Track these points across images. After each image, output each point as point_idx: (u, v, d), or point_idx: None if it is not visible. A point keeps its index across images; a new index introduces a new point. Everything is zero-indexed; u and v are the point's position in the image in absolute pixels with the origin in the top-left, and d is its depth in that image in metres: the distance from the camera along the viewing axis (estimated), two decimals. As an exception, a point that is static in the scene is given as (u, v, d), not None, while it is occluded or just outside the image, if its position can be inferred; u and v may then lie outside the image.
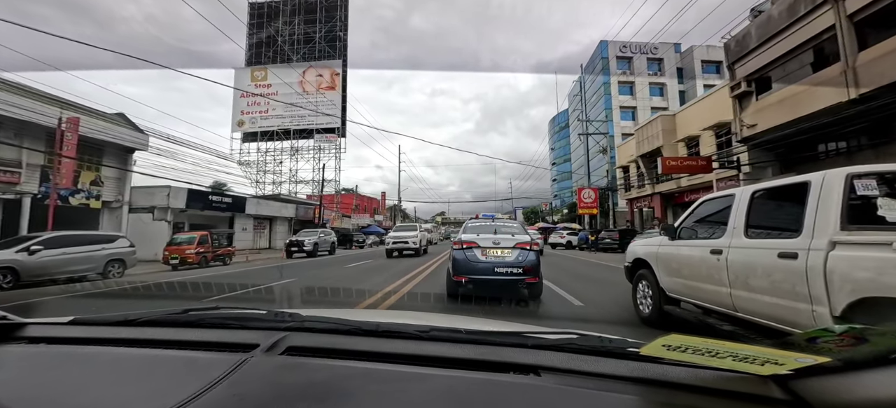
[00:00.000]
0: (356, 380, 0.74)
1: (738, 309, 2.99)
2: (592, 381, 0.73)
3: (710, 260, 3.25)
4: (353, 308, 4.60)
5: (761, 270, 2.75)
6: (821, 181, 2.50)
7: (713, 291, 3.24)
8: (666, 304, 4.00)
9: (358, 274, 10.24)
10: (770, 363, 0.62)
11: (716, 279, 3.18)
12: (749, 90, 14.11)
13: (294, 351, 0.85)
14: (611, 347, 0.85)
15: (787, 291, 2.52)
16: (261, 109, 42.60)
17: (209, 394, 0.66)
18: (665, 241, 4.07)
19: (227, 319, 1.07)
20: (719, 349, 0.66)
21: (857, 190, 2.35)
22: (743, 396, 0.66)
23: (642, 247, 4.65)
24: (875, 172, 2.42)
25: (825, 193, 2.43)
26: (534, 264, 5.37)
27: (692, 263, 3.56)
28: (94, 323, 1.09)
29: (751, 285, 2.83)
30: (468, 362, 0.80)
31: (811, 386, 0.62)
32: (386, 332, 0.95)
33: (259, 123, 42.33)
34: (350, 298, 5.85)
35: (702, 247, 3.44)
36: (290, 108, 42.09)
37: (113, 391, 0.74)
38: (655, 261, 4.19)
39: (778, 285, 2.60)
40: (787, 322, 2.54)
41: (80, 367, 0.84)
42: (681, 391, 0.70)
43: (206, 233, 14.46)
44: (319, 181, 41.06)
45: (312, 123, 41.37)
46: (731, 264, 3.02)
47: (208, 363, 0.79)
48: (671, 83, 41.91)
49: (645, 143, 22.33)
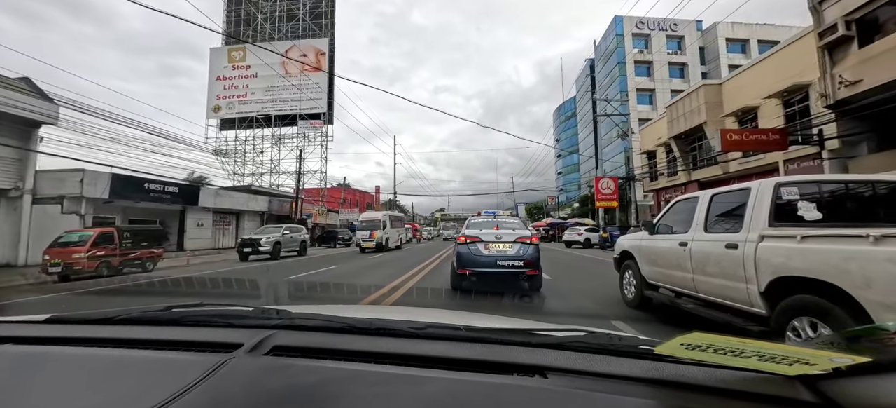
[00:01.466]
0: (344, 383, 0.70)
1: (698, 290, 3.75)
2: (602, 382, 0.68)
3: (679, 251, 4.02)
4: (353, 304, 4.28)
5: (714, 259, 3.49)
6: (757, 188, 3.23)
7: (681, 277, 4.00)
8: (646, 289, 4.76)
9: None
10: (800, 363, 0.59)
11: (683, 267, 3.94)
12: (848, 35, 10.42)
13: (280, 351, 0.81)
14: (622, 345, 0.82)
15: (731, 274, 3.26)
16: (239, 93, 38.91)
17: (182, 399, 0.62)
18: (646, 236, 4.85)
19: (211, 316, 1.03)
20: (744, 348, 0.62)
21: (783, 196, 3.08)
22: (766, 398, 0.62)
23: (628, 241, 5.44)
24: (796, 181, 3.19)
25: (759, 198, 3.15)
26: (534, 258, 5.67)
27: (666, 254, 4.32)
28: (72, 321, 1.03)
29: (707, 271, 3.59)
30: (467, 363, 0.75)
31: (846, 388, 0.58)
32: (379, 329, 0.90)
33: (237, 108, 38.62)
34: (354, 295, 5.66)
35: (673, 240, 4.19)
36: (272, 91, 38.41)
37: (76, 396, 0.69)
38: (638, 253, 4.96)
39: (725, 270, 3.33)
40: (729, 297, 3.31)
41: (45, 368, 0.78)
42: (698, 393, 0.65)
43: (112, 229, 10.78)
44: (301, 172, 37.56)
45: (296, 108, 37.68)
46: (693, 254, 3.79)
47: (186, 365, 0.75)
48: (693, 62, 38.06)
49: (681, 120, 18.60)
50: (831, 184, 3.32)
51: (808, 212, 2.98)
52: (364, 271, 9.81)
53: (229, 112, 38.33)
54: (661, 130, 21.58)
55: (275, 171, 37.58)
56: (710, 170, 17.95)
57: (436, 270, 9.73)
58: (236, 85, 39.20)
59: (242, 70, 39.29)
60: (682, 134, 18.83)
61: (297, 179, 24.45)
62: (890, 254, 2.15)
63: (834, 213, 3.00)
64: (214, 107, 39.08)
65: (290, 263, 12.59)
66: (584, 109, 54.52)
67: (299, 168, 24.79)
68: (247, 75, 39.05)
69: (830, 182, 3.39)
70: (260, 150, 38.15)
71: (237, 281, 6.43)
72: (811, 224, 2.92)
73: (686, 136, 18.82)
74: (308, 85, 37.52)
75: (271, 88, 38.09)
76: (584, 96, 55.69)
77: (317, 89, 37.02)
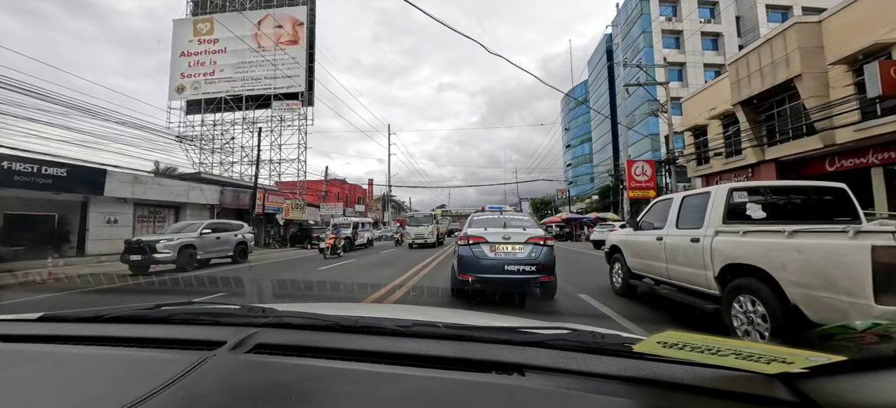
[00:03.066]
0: (323, 381, 0.70)
1: (671, 278, 4.48)
2: (581, 381, 0.69)
3: (657, 245, 4.74)
4: (346, 302, 4.39)
5: (682, 250, 4.21)
6: (715, 192, 3.98)
7: (657, 266, 4.75)
8: (631, 278, 5.40)
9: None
10: (777, 362, 0.60)
11: (659, 258, 4.67)
12: None
13: (263, 349, 0.81)
14: (603, 343, 0.82)
15: (694, 263, 3.96)
16: (205, 71, 34.34)
17: (157, 397, 0.63)
18: (631, 231, 5.52)
19: (199, 314, 1.04)
20: (721, 347, 0.63)
21: (734, 199, 3.80)
22: (744, 396, 0.63)
23: (616, 236, 6.20)
24: (746, 187, 3.97)
25: (717, 200, 3.88)
26: (549, 261, 5.03)
27: (647, 247, 5.02)
28: (62, 319, 1.05)
29: (677, 260, 4.33)
30: (448, 361, 0.76)
31: (822, 386, 0.59)
32: (364, 327, 0.91)
33: (203, 88, 34.09)
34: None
35: (652, 235, 4.91)
36: (242, 68, 33.76)
37: (57, 394, 0.69)
38: (624, 246, 5.63)
39: (690, 260, 4.04)
40: (693, 282, 4.00)
41: (30, 367, 0.78)
42: (677, 391, 0.66)
43: None
44: (273, 161, 33.02)
45: (270, 87, 33.07)
46: (667, 247, 4.54)
47: (166, 363, 0.75)
48: (728, 32, 33.21)
49: (754, 78, 13.92)
50: (774, 188, 4.17)
51: (755, 212, 3.79)
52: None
53: (194, 93, 33.83)
54: (717, 96, 16.88)
55: (248, 159, 33.03)
56: (800, 144, 13.26)
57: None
58: (203, 61, 34.61)
59: (209, 44, 34.68)
60: (754, 98, 14.14)
61: (256, 165, 19.93)
62: (796, 245, 2.86)
63: (776, 212, 3.81)
64: (177, 87, 34.55)
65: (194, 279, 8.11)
66: (598, 91, 49.65)
67: (257, 155, 20.22)
68: (214, 51, 34.45)
69: (774, 187, 4.21)
70: (231, 136, 33.67)
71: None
72: (756, 222, 3.70)
73: (761, 99, 14.13)
74: (284, 60, 32.89)
75: (242, 65, 33.47)
76: (596, 79, 50.84)
77: (294, 65, 32.38)
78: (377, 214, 50.05)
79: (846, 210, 3.75)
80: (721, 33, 33.09)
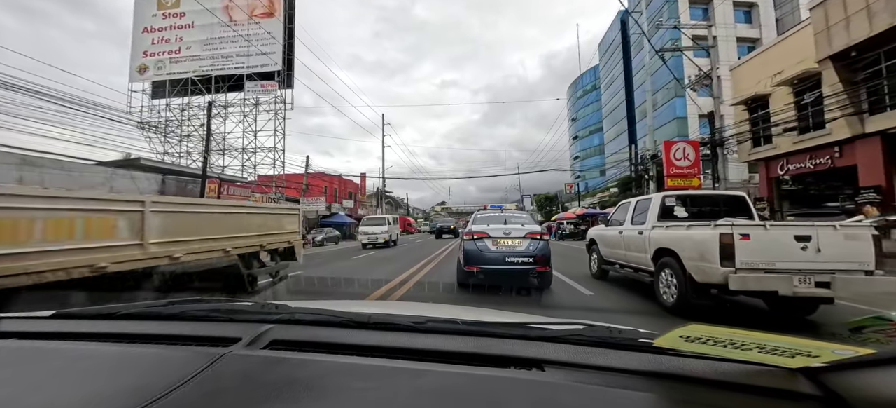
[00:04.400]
0: (341, 376, 0.70)
1: (628, 262, 5.87)
2: (601, 375, 0.69)
3: (619, 237, 6.24)
4: (355, 299, 4.35)
5: (633, 240, 5.70)
6: (654, 198, 5.62)
7: (620, 253, 6.19)
8: (603, 264, 6.98)
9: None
10: (802, 355, 0.59)
11: (621, 247, 6.17)
12: None
13: (278, 345, 0.82)
14: (621, 338, 0.82)
15: (640, 249, 5.43)
16: (171, 49, 30.62)
17: (176, 393, 0.63)
18: (604, 227, 7.29)
19: (211, 311, 1.05)
20: (744, 340, 0.63)
21: (666, 203, 5.44)
22: (769, 391, 0.62)
23: (593, 231, 7.81)
24: (674, 195, 5.63)
25: (655, 203, 5.48)
26: (545, 254, 5.69)
27: (613, 239, 6.53)
28: (77, 317, 1.06)
29: (630, 248, 5.81)
30: (465, 356, 0.76)
31: (849, 381, 0.57)
32: (378, 324, 0.92)
33: (167, 68, 30.40)
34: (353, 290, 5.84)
35: (616, 230, 6.42)
36: (212, 45, 30.03)
37: (75, 390, 0.69)
38: (599, 239, 7.26)
39: (638, 247, 5.51)
40: (639, 263, 5.49)
41: (48, 364, 0.79)
42: (698, 386, 0.65)
43: None
44: (247, 150, 29.35)
45: (243, 66, 29.37)
46: (625, 238, 6.03)
47: (183, 359, 0.76)
48: (764, 3, 29.40)
49: (856, 22, 10.28)
50: (693, 195, 6.00)
51: (680, 212, 5.46)
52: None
53: (158, 73, 30.14)
54: (787, 56, 13.26)
55: (221, 148, 29.44)
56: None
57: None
58: (168, 38, 30.90)
59: (175, 19, 30.96)
60: (853, 49, 10.49)
61: (205, 144, 16.39)
62: (689, 234, 4.35)
63: (695, 212, 5.50)
64: (139, 67, 30.86)
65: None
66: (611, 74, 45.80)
67: (207, 130, 16.66)
68: (181, 26, 30.75)
69: (693, 196, 5.98)
70: (200, 122, 30.10)
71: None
72: (679, 219, 5.26)
73: (863, 50, 10.47)
74: (259, 35, 29.18)
75: (212, 41, 29.77)
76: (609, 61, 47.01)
77: (270, 41, 28.66)
78: (370, 211, 46.49)
79: (745, 211, 5.35)
80: (756, 3, 29.30)
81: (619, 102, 43.22)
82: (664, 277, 4.72)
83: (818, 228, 3.76)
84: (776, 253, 3.72)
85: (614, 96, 45.18)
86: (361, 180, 48.60)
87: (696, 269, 4.12)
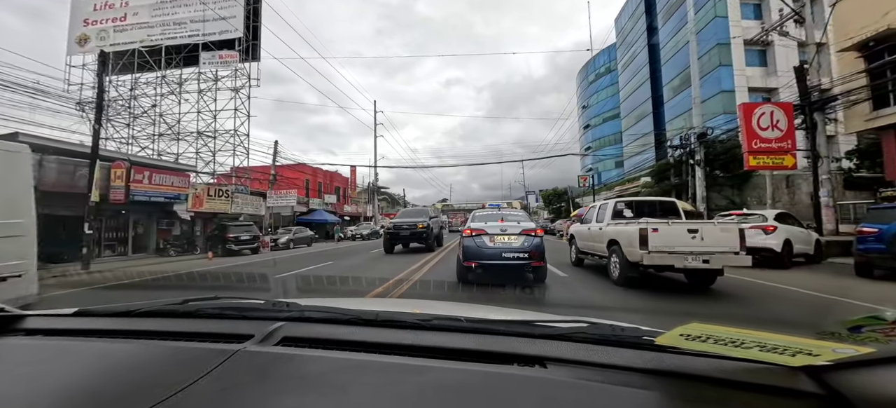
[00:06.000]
0: (349, 372, 0.72)
1: (595, 251, 7.49)
2: (603, 373, 0.70)
3: (588, 232, 7.99)
4: (360, 297, 4.52)
5: (596, 234, 7.31)
6: (610, 203, 7.79)
7: (589, 244, 7.89)
8: (579, 254, 8.63)
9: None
10: (803, 354, 0.60)
11: (590, 239, 7.85)
12: None
13: (289, 342, 0.84)
14: (623, 336, 0.83)
15: (601, 240, 6.99)
16: (116, 16, 26.32)
17: (194, 387, 0.65)
18: (581, 225, 9.08)
19: (224, 309, 1.08)
20: (745, 339, 0.64)
21: (618, 206, 7.47)
22: (770, 389, 0.63)
23: (573, 229, 9.91)
24: (624, 200, 7.83)
25: (609, 208, 7.52)
26: (539, 249, 6.09)
27: (585, 234, 8.28)
28: (98, 314, 1.09)
29: (595, 239, 7.40)
30: (469, 353, 0.78)
31: (850, 379, 0.58)
32: (384, 321, 0.94)
33: (112, 38, 26.09)
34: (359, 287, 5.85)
35: (586, 227, 8.27)
36: (162, 10, 25.63)
37: (100, 385, 0.72)
38: (577, 235, 9.04)
39: (599, 239, 7.09)
40: (599, 251, 7.12)
41: (72, 359, 0.82)
42: (700, 383, 0.67)
43: None
44: (204, 135, 24.76)
45: (198, 33, 24.97)
46: (592, 232, 7.69)
47: (199, 355, 0.78)
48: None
49: None
50: (638, 201, 7.80)
51: (627, 213, 7.18)
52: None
53: (101, 43, 25.68)
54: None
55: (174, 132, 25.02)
56: None
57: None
58: (112, 3, 26.61)
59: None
60: None
61: (95, 116, 11.97)
62: (625, 229, 6.02)
63: (638, 214, 6.99)
64: (79, 37, 26.58)
65: None
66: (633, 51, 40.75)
67: (98, 97, 12.20)
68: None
69: (639, 202, 7.75)
70: (152, 102, 25.70)
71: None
72: (625, 219, 6.97)
73: None
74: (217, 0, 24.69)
75: (162, 5, 25.36)
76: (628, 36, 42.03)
77: (229, 3, 24.13)
78: (361, 208, 42.01)
79: (675, 212, 7.19)
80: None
81: (642, 79, 38.26)
82: (613, 259, 6.43)
83: (703, 225, 5.70)
84: (675, 241, 5.50)
85: (635, 75, 40.28)
86: (352, 174, 44.04)
87: (628, 252, 5.88)
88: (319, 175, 35.22)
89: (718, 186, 19.64)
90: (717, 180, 19.72)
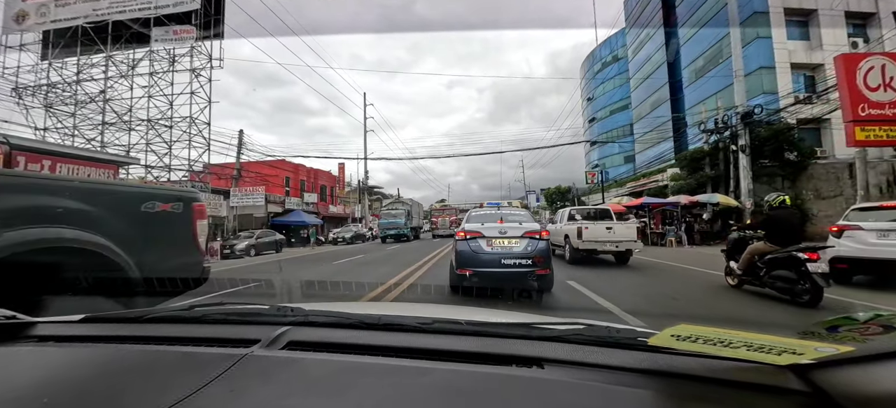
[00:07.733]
0: (353, 374, 0.75)
1: (559, 244, 10.40)
2: (599, 373, 0.72)
3: (555, 229, 10.76)
4: (358, 301, 4.68)
5: (559, 232, 10.64)
6: (567, 210, 12.06)
7: (555, 239, 10.00)
8: (551, 246, 7.37)
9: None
10: (788, 353, 0.62)
11: (556, 234, 10.28)
12: None
13: (295, 346, 0.86)
14: (619, 337, 0.86)
15: (560, 234, 10.51)
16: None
17: (205, 391, 0.67)
18: (552, 226, 11.35)
19: (230, 314, 1.09)
20: (732, 339, 0.66)
21: (571, 212, 11.64)
22: (758, 387, 0.65)
23: (552, 227, 11.23)
24: (577, 209, 12.32)
25: (565, 213, 11.77)
26: (544, 254, 5.28)
27: (554, 232, 10.09)
28: (106, 320, 1.10)
29: (560, 235, 10.48)
30: (470, 355, 0.80)
31: (832, 377, 0.61)
32: (387, 325, 0.96)
33: (53, 13, 22.84)
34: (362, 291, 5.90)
35: (555, 227, 11.23)
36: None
37: (111, 390, 0.73)
38: (553, 233, 9.52)
39: (560, 234, 10.53)
40: (561, 244, 10.39)
41: (82, 366, 0.84)
42: (692, 382, 0.69)
43: None
44: (157, 122, 21.43)
45: (150, 5, 21.71)
46: (556, 230, 10.85)
47: (208, 360, 0.79)
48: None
49: None
50: (585, 208, 12.74)
51: (577, 216, 11.01)
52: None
53: (41, 21, 22.48)
54: None
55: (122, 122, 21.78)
56: None
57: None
58: (53, -26, 23.14)
59: (62, -52, 23.23)
60: None
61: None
62: (570, 227, 9.94)
63: (587, 217, 10.86)
64: (18, 14, 23.38)
65: None
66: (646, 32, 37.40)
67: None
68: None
69: (587, 210, 11.85)
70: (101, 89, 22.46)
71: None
72: (576, 221, 10.51)
73: None
74: (170, -32, 21.35)
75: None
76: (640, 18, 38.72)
77: (185, -31, 20.84)
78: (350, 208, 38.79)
79: (609, 216, 10.68)
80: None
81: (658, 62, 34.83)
82: (567, 248, 9.63)
83: (615, 224, 9.59)
84: (598, 235, 9.04)
85: (648, 60, 36.91)
86: (340, 172, 40.82)
87: (573, 242, 9.21)
88: (302, 172, 32.04)
89: (766, 176, 16.43)
90: (764, 169, 16.50)
